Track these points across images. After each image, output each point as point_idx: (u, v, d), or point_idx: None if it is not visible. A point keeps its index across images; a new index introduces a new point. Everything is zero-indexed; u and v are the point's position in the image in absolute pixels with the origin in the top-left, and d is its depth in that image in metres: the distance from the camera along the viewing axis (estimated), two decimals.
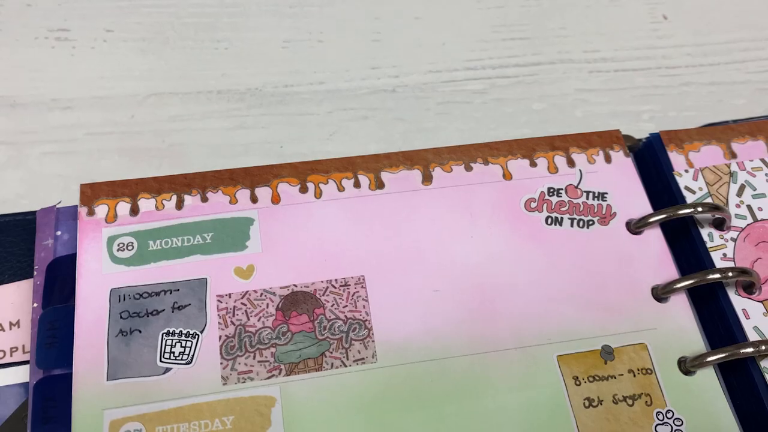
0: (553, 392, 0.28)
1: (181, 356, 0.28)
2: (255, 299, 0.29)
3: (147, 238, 0.30)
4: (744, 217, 0.34)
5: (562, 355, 0.29)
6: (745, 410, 0.30)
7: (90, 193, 0.31)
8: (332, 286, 0.30)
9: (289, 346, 0.28)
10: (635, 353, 0.29)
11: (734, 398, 0.30)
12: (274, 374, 0.28)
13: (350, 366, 0.28)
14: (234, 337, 0.28)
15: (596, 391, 0.28)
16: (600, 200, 0.33)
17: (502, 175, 0.33)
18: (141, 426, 0.26)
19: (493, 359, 0.29)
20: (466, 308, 0.30)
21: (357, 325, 0.29)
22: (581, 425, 0.28)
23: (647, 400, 0.28)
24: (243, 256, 0.30)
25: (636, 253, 0.32)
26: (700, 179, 0.35)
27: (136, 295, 0.29)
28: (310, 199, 0.32)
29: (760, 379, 0.30)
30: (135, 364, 0.27)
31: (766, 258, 0.33)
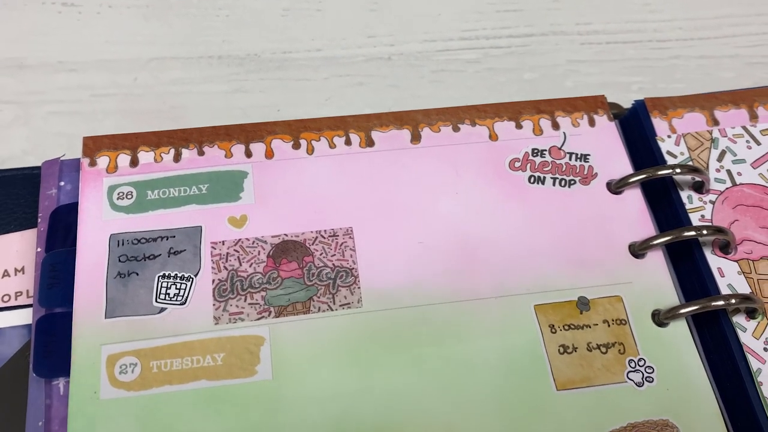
0: (529, 339, 0.29)
1: (176, 297, 0.29)
2: (247, 246, 0.30)
3: (145, 188, 0.31)
4: (723, 181, 0.36)
5: (540, 304, 0.30)
6: (717, 364, 0.31)
7: (92, 145, 0.32)
8: (321, 236, 0.31)
9: (279, 291, 0.30)
10: (610, 305, 0.31)
11: (707, 352, 0.31)
12: (263, 316, 0.29)
13: (336, 310, 0.29)
14: (226, 281, 0.30)
15: (571, 339, 0.30)
16: (582, 161, 0.34)
17: (489, 136, 0.34)
18: (136, 360, 0.28)
19: (473, 307, 0.30)
20: (448, 259, 0.31)
21: (344, 273, 0.30)
22: (555, 370, 0.29)
23: (620, 349, 0.30)
24: (236, 207, 0.31)
25: (615, 212, 0.33)
26: (682, 144, 0.36)
27: (134, 240, 0.30)
28: (302, 155, 0.33)
29: (731, 334, 0.31)
30: (132, 304, 0.29)
31: (743, 220, 0.35)
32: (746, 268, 0.33)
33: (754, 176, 0.36)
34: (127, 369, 0.27)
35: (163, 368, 0.28)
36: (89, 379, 0.27)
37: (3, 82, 0.42)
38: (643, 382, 0.29)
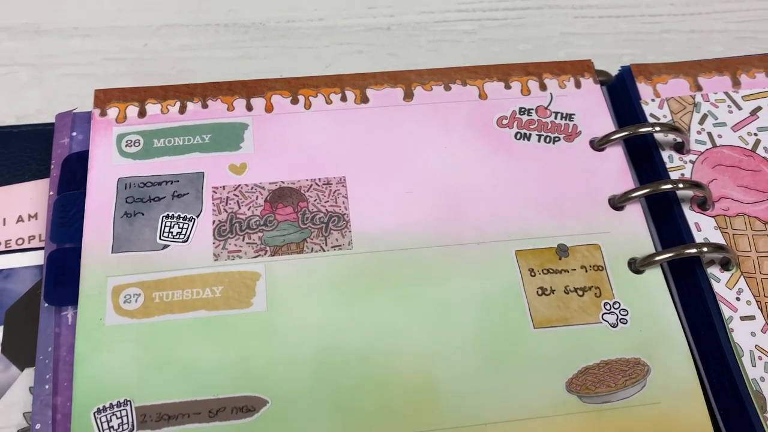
0: (509, 281, 0.31)
1: (179, 236, 0.31)
2: (246, 192, 0.32)
3: (152, 136, 0.33)
4: (704, 143, 0.37)
5: (521, 250, 0.32)
6: (692, 312, 0.32)
7: (103, 97, 0.35)
8: (316, 184, 0.33)
9: (275, 232, 0.31)
10: (588, 252, 0.32)
11: (683, 301, 0.33)
12: (260, 254, 0.31)
13: (328, 251, 0.31)
14: (226, 222, 0.32)
15: (549, 282, 0.31)
16: (567, 120, 0.36)
17: (478, 95, 0.36)
18: (140, 291, 0.30)
19: (457, 251, 0.32)
20: (435, 208, 0.33)
21: (336, 218, 0.32)
22: (533, 309, 0.31)
23: (596, 292, 0.31)
24: (237, 155, 0.33)
25: (597, 167, 0.34)
26: (665, 108, 0.38)
27: (141, 183, 0.32)
28: (300, 109, 0.35)
29: (706, 283, 0.32)
30: (137, 241, 0.31)
31: (721, 179, 0.36)
32: (722, 223, 0.35)
33: (734, 139, 0.37)
34: (131, 299, 0.29)
35: (164, 299, 0.30)
36: (95, 308, 0.29)
37: (20, 45, 0.44)
38: (617, 324, 0.31)
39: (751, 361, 0.31)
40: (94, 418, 0.27)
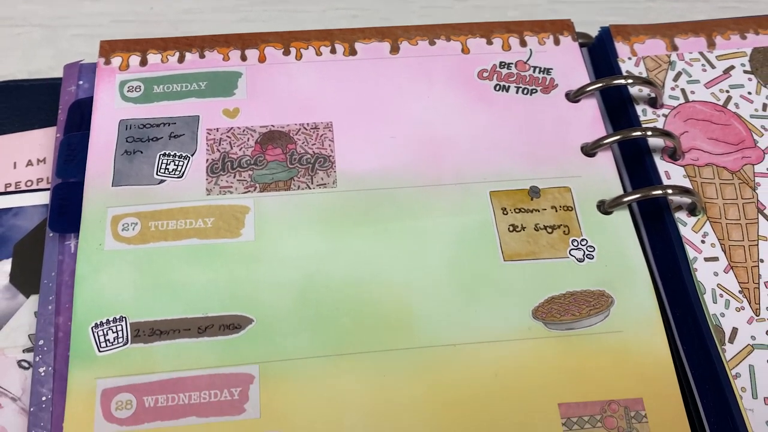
0: (483, 218, 0.33)
1: (174, 171, 0.33)
2: (238, 134, 0.34)
3: (152, 83, 0.36)
4: (677, 98, 0.39)
5: (495, 191, 0.34)
6: (660, 253, 0.34)
7: (108, 47, 0.37)
8: (304, 128, 0.35)
9: (264, 171, 0.34)
10: (559, 194, 0.34)
11: (652, 243, 0.35)
12: (249, 190, 0.33)
13: (314, 189, 0.33)
14: (219, 161, 0.34)
15: (521, 220, 0.33)
16: (545, 74, 0.37)
17: (461, 50, 0.38)
18: (137, 220, 0.32)
19: (435, 191, 0.34)
20: (416, 152, 0.35)
21: (322, 159, 0.34)
22: (504, 244, 0.33)
23: (565, 230, 0.33)
24: (230, 101, 0.35)
25: (572, 117, 0.36)
26: (641, 65, 0.40)
27: (140, 125, 0.34)
28: (291, 60, 0.37)
29: (673, 226, 0.34)
30: (136, 176, 0.33)
31: (692, 132, 0.38)
32: (692, 172, 0.36)
33: (707, 95, 0.39)
34: (128, 227, 0.32)
35: (159, 228, 0.32)
36: (95, 234, 0.31)
37: (34, 8, 0.46)
38: (584, 259, 0.33)
39: (712, 298, 0.33)
40: (92, 332, 0.30)
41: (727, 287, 0.34)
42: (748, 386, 0.31)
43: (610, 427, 0.29)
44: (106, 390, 0.28)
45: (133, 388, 0.29)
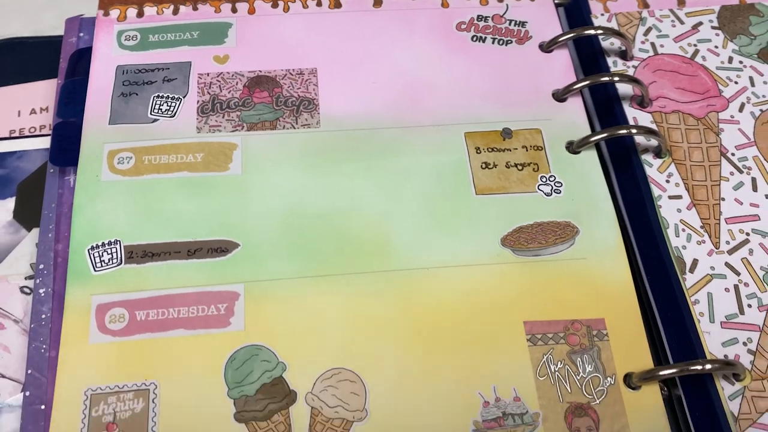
0: (458, 157, 0.35)
1: (167, 112, 0.35)
2: (227, 78, 0.37)
3: (148, 32, 0.38)
4: (647, 51, 0.41)
5: (469, 132, 0.36)
6: (628, 191, 0.36)
7: (107, 0, 0.39)
8: (290, 74, 0.37)
9: (251, 112, 0.36)
10: (530, 135, 0.36)
11: (620, 183, 0.36)
12: (237, 129, 0.35)
13: (298, 128, 0.35)
14: (209, 102, 0.36)
15: (493, 158, 0.35)
16: (520, 27, 0.39)
17: (441, 4, 0.40)
18: (132, 154, 0.34)
19: (413, 132, 0.36)
20: (396, 96, 0.37)
21: (307, 102, 0.36)
22: (477, 180, 0.35)
23: (534, 167, 0.35)
24: (221, 48, 0.37)
25: (544, 66, 0.38)
26: (613, 21, 0.42)
27: (136, 70, 0.37)
28: (279, 12, 0.39)
29: (639, 166, 0.36)
30: (131, 115, 0.35)
31: (660, 82, 0.40)
32: (659, 118, 0.38)
33: (675, 48, 0.41)
34: (123, 160, 0.34)
35: (152, 162, 0.34)
36: (93, 167, 0.34)
37: None
38: (552, 193, 0.35)
39: (675, 233, 0.35)
40: (88, 254, 0.32)
41: (690, 223, 0.35)
42: (706, 311, 0.33)
43: (573, 344, 0.31)
44: (100, 305, 0.31)
45: (125, 303, 0.31)
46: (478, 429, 0.29)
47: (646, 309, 0.33)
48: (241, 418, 0.29)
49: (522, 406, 0.30)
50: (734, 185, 0.37)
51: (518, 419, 0.29)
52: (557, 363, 0.31)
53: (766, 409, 0.31)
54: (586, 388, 0.30)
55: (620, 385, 0.31)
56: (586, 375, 0.31)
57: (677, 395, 0.32)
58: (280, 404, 0.29)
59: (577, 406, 0.30)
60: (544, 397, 0.30)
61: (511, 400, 0.30)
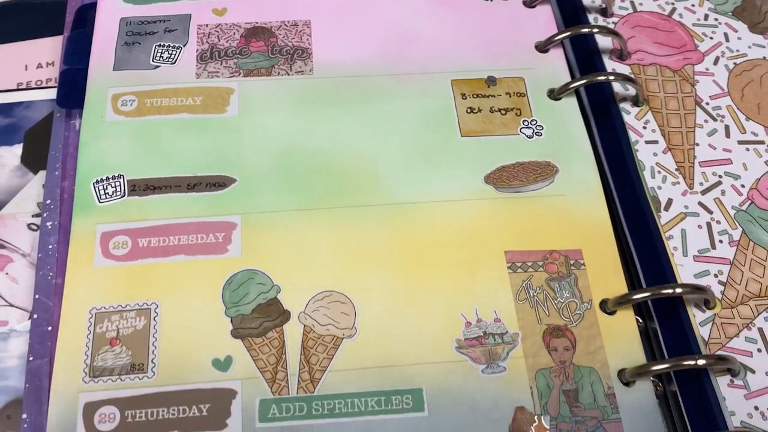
0: (444, 102, 0.37)
1: (168, 59, 0.37)
2: (225, 29, 0.38)
3: None
4: (626, 9, 0.43)
5: (455, 79, 0.38)
6: (606, 137, 0.38)
7: None
8: (285, 25, 0.39)
9: (248, 59, 0.38)
10: (513, 82, 0.38)
11: (599, 129, 0.38)
12: (234, 75, 0.37)
13: (292, 75, 0.37)
14: (207, 51, 0.38)
15: (478, 104, 0.37)
16: None
17: None
18: (134, 97, 0.36)
19: (402, 79, 0.37)
20: (386, 46, 0.38)
21: (300, 51, 0.38)
22: (462, 123, 0.36)
23: (517, 112, 0.37)
24: (219, 1, 0.39)
25: (528, 20, 0.40)
26: None
27: (139, 22, 0.38)
28: None
29: (617, 114, 0.38)
30: (134, 62, 0.37)
31: (639, 37, 0.42)
32: (637, 70, 0.40)
33: (654, 6, 0.43)
34: (126, 102, 0.36)
35: (154, 104, 0.36)
36: (98, 108, 0.35)
37: None
38: (533, 136, 0.36)
39: (651, 174, 0.37)
40: (93, 187, 0.33)
41: (665, 165, 0.37)
42: (679, 246, 0.35)
43: (551, 272, 0.33)
44: (104, 233, 0.32)
45: (128, 231, 0.32)
46: (460, 346, 0.31)
47: (622, 243, 0.35)
48: (238, 335, 0.30)
49: (502, 327, 0.31)
50: (708, 132, 0.38)
51: (498, 338, 0.31)
52: (536, 289, 0.32)
53: (734, 334, 0.33)
54: (563, 311, 0.32)
55: (596, 309, 0.32)
56: (563, 300, 0.32)
57: (653, 328, 0.33)
58: (275, 322, 0.31)
59: (554, 327, 0.32)
60: (523, 319, 0.32)
61: (491, 321, 0.32)
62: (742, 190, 0.37)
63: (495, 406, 0.30)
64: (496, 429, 0.29)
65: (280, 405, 0.29)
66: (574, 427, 0.30)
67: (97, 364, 0.30)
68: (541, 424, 0.30)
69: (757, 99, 0.40)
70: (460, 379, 0.30)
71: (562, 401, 0.30)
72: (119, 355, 0.30)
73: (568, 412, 0.30)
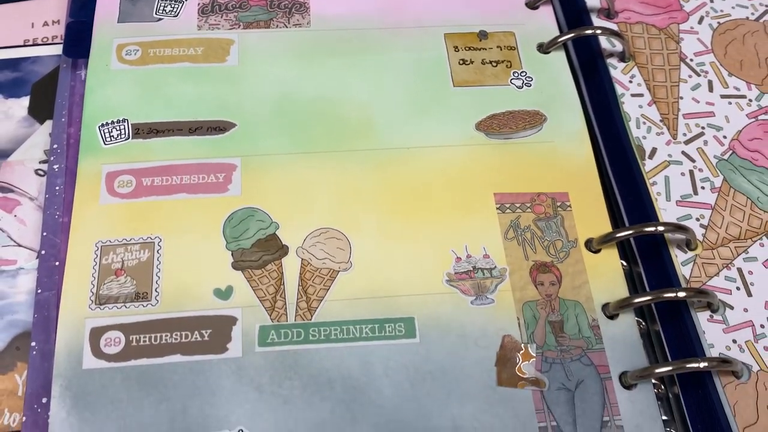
0: (437, 54, 0.38)
1: (170, 12, 0.39)
2: None
3: None
4: None
5: (449, 33, 0.39)
6: (593, 90, 0.39)
7: None
8: None
9: (247, 13, 0.39)
10: (504, 37, 0.39)
11: (587, 84, 0.40)
12: (234, 27, 0.38)
13: (290, 27, 0.39)
14: (208, 4, 0.39)
15: (470, 56, 0.38)
16: None
17: None
18: (138, 48, 0.37)
19: (397, 32, 0.39)
20: (382, 1, 0.40)
21: (298, 5, 0.39)
22: (454, 74, 0.38)
23: (507, 64, 0.38)
24: None
25: None
26: None
27: None
28: None
29: (605, 69, 0.39)
30: (138, 15, 0.38)
31: None
32: (624, 28, 0.42)
33: None
34: (130, 52, 0.37)
35: (157, 54, 0.37)
36: (103, 58, 0.37)
37: None
38: (523, 86, 0.38)
39: (636, 125, 0.38)
40: (99, 130, 0.35)
41: (650, 117, 0.39)
42: (663, 191, 0.36)
43: (538, 212, 0.34)
44: (110, 172, 0.34)
45: (133, 171, 0.34)
46: (450, 279, 0.32)
47: (607, 191, 0.37)
48: (238, 267, 0.32)
49: (491, 262, 0.33)
50: (692, 86, 0.40)
51: (487, 273, 0.33)
52: (524, 228, 0.34)
53: (714, 273, 0.34)
54: (549, 249, 0.34)
55: (581, 248, 0.34)
56: (550, 239, 0.34)
57: (638, 272, 0.35)
58: (273, 256, 0.32)
59: (541, 264, 0.33)
60: (511, 256, 0.33)
61: (480, 257, 0.33)
62: (724, 140, 0.38)
63: (483, 335, 0.31)
64: (485, 355, 0.31)
65: (279, 331, 0.31)
66: (559, 355, 0.31)
67: (102, 292, 0.31)
68: (528, 352, 0.31)
69: (739, 56, 0.41)
70: (450, 309, 0.32)
71: (548, 331, 0.32)
72: (124, 284, 0.31)
73: (554, 342, 0.31)
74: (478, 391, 0.30)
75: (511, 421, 0.30)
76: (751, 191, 0.37)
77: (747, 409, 0.31)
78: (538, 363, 0.31)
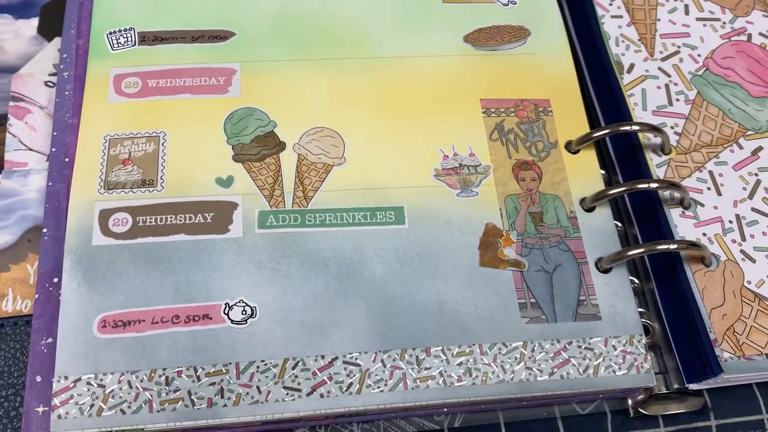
0: None
1: None
2: None
3: None
4: None
5: None
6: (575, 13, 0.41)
7: None
8: None
9: None
10: None
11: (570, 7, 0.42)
12: None
13: None
14: None
15: None
16: None
17: None
18: None
19: None
20: None
21: None
22: None
23: None
24: None
25: None
26: None
27: None
28: None
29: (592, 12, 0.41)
30: None
31: None
32: None
33: None
34: None
35: None
36: None
37: None
38: (509, 4, 0.40)
39: (615, 43, 0.40)
40: (107, 37, 0.37)
41: (629, 36, 0.41)
42: (639, 102, 0.39)
43: (522, 117, 0.36)
44: (117, 75, 0.36)
45: (139, 74, 0.36)
46: (438, 174, 0.34)
47: (587, 103, 0.39)
48: (238, 159, 0.34)
49: (476, 160, 0.35)
50: (669, 9, 0.42)
51: (472, 169, 0.35)
52: (507, 131, 0.36)
53: (687, 175, 0.37)
54: (531, 149, 0.36)
55: (561, 148, 0.36)
56: (532, 140, 0.36)
57: (616, 180, 0.37)
58: (272, 150, 0.34)
59: (523, 162, 0.35)
60: (495, 154, 0.35)
61: (466, 155, 0.35)
62: (698, 58, 0.40)
63: (467, 222, 0.33)
64: (468, 240, 0.33)
65: (277, 215, 0.33)
66: (538, 241, 0.33)
67: (111, 179, 0.33)
68: (509, 238, 0.33)
69: None
70: (437, 200, 0.34)
71: (528, 221, 0.34)
72: (131, 172, 0.33)
73: (534, 230, 0.34)
74: (462, 271, 0.32)
75: (492, 297, 0.32)
76: (722, 103, 0.39)
77: (715, 293, 0.33)
78: (519, 248, 0.33)
